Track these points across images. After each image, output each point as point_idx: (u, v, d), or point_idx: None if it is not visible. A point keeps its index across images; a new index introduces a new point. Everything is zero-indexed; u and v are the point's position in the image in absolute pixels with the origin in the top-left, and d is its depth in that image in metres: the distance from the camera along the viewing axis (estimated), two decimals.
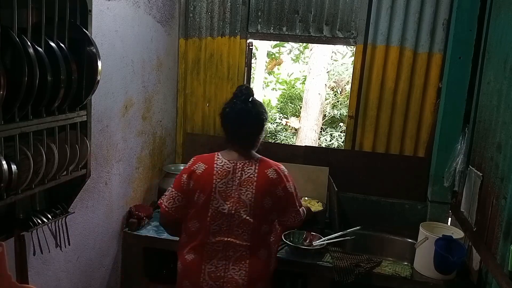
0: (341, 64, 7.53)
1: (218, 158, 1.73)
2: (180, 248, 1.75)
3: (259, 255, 1.69)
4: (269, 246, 1.76)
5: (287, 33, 2.79)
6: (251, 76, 3.38)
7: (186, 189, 1.71)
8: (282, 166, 1.78)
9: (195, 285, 1.64)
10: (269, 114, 7.76)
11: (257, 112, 1.73)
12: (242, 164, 1.70)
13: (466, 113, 2.35)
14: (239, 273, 1.63)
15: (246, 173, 1.69)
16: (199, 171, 1.71)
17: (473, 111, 2.27)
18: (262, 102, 1.82)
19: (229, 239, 1.66)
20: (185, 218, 1.73)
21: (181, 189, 1.72)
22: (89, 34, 1.57)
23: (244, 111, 1.70)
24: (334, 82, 7.51)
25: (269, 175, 1.70)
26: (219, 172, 1.69)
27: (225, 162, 1.71)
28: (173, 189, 1.75)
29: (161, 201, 1.77)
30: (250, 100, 1.72)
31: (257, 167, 1.70)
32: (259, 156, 1.78)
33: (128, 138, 2.35)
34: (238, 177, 1.68)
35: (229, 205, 1.66)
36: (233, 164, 1.70)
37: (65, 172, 1.59)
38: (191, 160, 1.78)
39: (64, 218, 1.71)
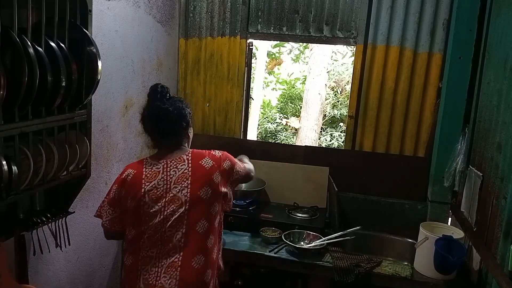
0: (341, 64, 7.53)
1: (147, 162, 1.65)
2: (123, 253, 1.66)
3: (192, 263, 1.54)
4: (206, 251, 1.59)
5: (287, 33, 2.79)
6: (251, 76, 3.38)
7: (118, 198, 1.63)
8: (214, 151, 1.71)
9: None
10: (269, 114, 7.78)
11: (176, 108, 1.66)
12: (173, 161, 1.62)
13: (466, 113, 2.35)
14: (169, 282, 1.51)
15: (179, 169, 1.60)
16: (129, 178, 1.62)
17: (473, 111, 2.27)
18: (180, 98, 1.75)
19: (163, 244, 1.55)
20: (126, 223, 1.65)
21: (113, 201, 1.64)
22: (89, 34, 1.57)
23: (163, 111, 1.63)
24: (334, 82, 7.51)
25: (203, 165, 1.63)
26: (148, 175, 1.60)
27: (154, 164, 1.63)
28: (106, 203, 1.66)
29: (100, 213, 1.68)
30: (166, 98, 1.67)
31: (190, 161, 1.62)
32: (190, 149, 1.70)
33: (128, 138, 2.35)
34: (172, 175, 1.59)
35: (160, 206, 1.56)
36: (162, 164, 1.62)
37: (65, 172, 1.59)
38: (123, 169, 1.69)
39: (64, 218, 1.71)
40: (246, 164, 1.92)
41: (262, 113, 7.82)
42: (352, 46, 2.87)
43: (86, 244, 2.07)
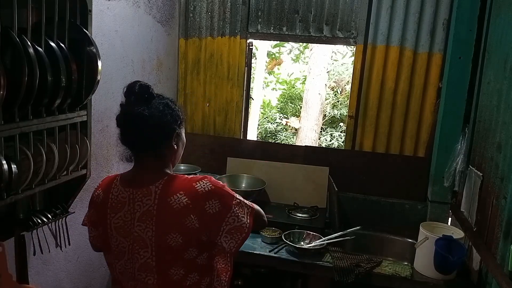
0: (341, 64, 7.54)
1: (115, 185, 1.34)
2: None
3: None
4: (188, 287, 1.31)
5: (287, 33, 2.79)
6: (251, 76, 3.38)
7: (96, 222, 1.41)
8: (199, 182, 1.28)
9: None
10: (269, 114, 7.78)
11: (154, 115, 1.27)
12: (139, 193, 1.28)
13: (466, 113, 2.35)
14: None
15: (145, 204, 1.26)
16: (98, 201, 1.37)
17: (473, 111, 2.27)
18: (171, 101, 1.35)
19: (136, 282, 1.31)
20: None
21: (93, 224, 1.43)
22: (89, 34, 1.57)
23: (136, 118, 1.26)
24: (334, 82, 7.51)
25: (172, 204, 1.24)
26: (114, 204, 1.31)
27: (120, 191, 1.31)
28: (89, 226, 1.47)
29: (86, 223, 1.50)
30: (144, 99, 1.27)
31: (157, 196, 1.26)
32: (170, 175, 1.32)
33: None
34: (137, 210, 1.27)
35: (128, 243, 1.29)
36: (128, 194, 1.29)
37: (65, 172, 1.59)
38: (100, 181, 1.44)
39: (64, 218, 1.71)
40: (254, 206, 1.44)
41: (262, 113, 7.82)
42: (352, 46, 2.87)
43: (86, 244, 2.07)
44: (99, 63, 1.57)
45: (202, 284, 1.35)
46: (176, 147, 1.36)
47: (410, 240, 2.44)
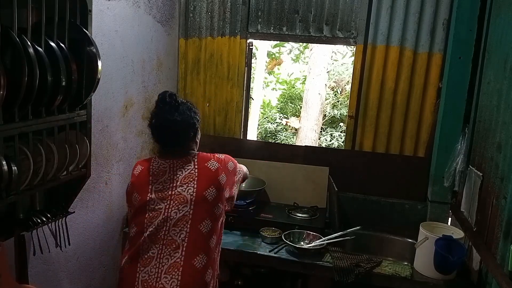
0: (341, 64, 7.53)
1: (154, 160, 1.68)
2: (122, 255, 1.64)
3: (194, 263, 1.52)
4: (209, 251, 1.57)
5: (287, 33, 2.79)
6: (251, 76, 3.38)
7: (129, 191, 1.68)
8: (219, 155, 1.74)
9: None
10: (269, 114, 7.79)
11: (185, 120, 1.65)
12: (179, 162, 1.65)
13: (466, 113, 2.35)
14: (171, 282, 1.48)
15: (186, 170, 1.63)
16: (136, 173, 1.67)
17: (473, 111, 2.27)
18: (190, 103, 1.74)
19: (164, 243, 1.53)
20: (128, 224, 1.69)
21: (127, 192, 1.70)
22: (89, 34, 1.57)
23: (171, 123, 1.63)
24: (334, 82, 7.51)
25: (209, 167, 1.65)
26: (155, 172, 1.64)
27: (161, 163, 1.66)
28: (130, 208, 1.70)
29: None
30: (175, 107, 1.65)
31: (196, 163, 1.65)
32: (196, 152, 1.73)
33: (128, 138, 2.35)
34: (179, 175, 1.62)
35: (165, 204, 1.58)
36: (169, 164, 1.65)
37: (65, 172, 1.59)
38: (135, 166, 1.73)
39: (64, 218, 1.71)
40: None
41: (262, 113, 7.82)
42: (352, 46, 2.87)
43: (86, 244, 2.07)
44: (99, 63, 1.57)
45: (216, 250, 1.64)
46: (197, 141, 1.78)
47: (410, 240, 2.44)
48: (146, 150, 2.58)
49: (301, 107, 7.26)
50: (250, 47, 2.91)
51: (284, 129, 7.52)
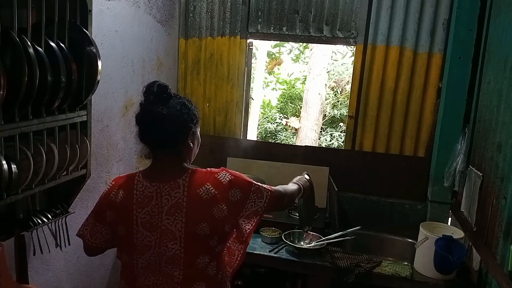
0: (341, 64, 7.53)
1: (138, 181, 1.38)
2: (120, 276, 1.49)
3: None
4: (209, 279, 1.39)
5: (287, 33, 2.79)
6: (251, 76, 3.38)
7: (109, 221, 1.42)
8: (219, 173, 1.39)
9: None
10: (269, 114, 7.78)
11: (173, 114, 1.34)
12: (166, 186, 1.34)
13: (466, 113, 2.35)
14: None
15: (173, 197, 1.33)
16: (118, 200, 1.38)
17: (473, 111, 2.27)
18: (187, 100, 1.42)
19: (161, 274, 1.36)
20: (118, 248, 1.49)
21: (103, 221, 1.44)
22: (89, 34, 1.57)
23: (156, 117, 1.33)
24: (334, 82, 7.51)
25: (201, 195, 1.33)
26: (140, 199, 1.35)
27: (146, 186, 1.36)
28: (95, 222, 1.46)
29: (83, 233, 1.48)
30: (163, 99, 1.35)
31: (185, 189, 1.33)
32: (191, 169, 1.40)
33: (128, 138, 2.35)
34: (164, 204, 1.33)
35: (155, 237, 1.33)
36: (155, 188, 1.35)
37: (65, 172, 1.59)
38: (111, 183, 1.46)
39: (64, 218, 1.70)
40: (279, 187, 1.55)
41: (262, 113, 7.82)
42: (352, 46, 2.87)
43: None
44: (99, 63, 1.57)
45: (219, 274, 1.42)
46: (192, 145, 1.42)
47: (410, 240, 2.44)
48: (146, 150, 2.57)
49: (301, 107, 7.26)
50: (250, 47, 2.91)
51: (284, 129, 7.52)
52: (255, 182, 1.46)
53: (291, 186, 1.66)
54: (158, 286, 1.36)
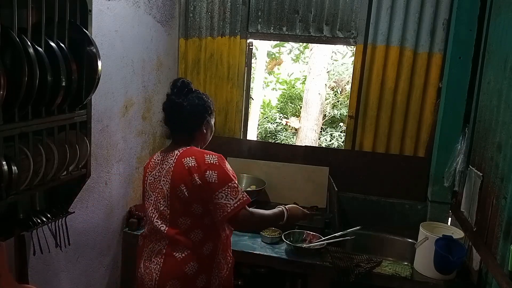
0: (341, 64, 7.53)
1: (157, 153, 1.75)
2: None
3: (175, 253, 1.58)
4: (192, 245, 1.59)
5: (287, 33, 2.79)
6: (251, 76, 3.38)
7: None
8: (209, 155, 1.59)
9: (138, 269, 1.71)
10: (269, 114, 7.79)
11: (191, 104, 1.66)
12: (168, 154, 1.66)
13: (466, 113, 2.35)
14: (155, 267, 1.60)
15: (168, 164, 1.63)
16: (145, 165, 1.80)
17: (473, 111, 2.27)
18: (204, 95, 1.73)
19: (155, 231, 1.64)
20: None
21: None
22: (89, 34, 1.57)
23: (176, 105, 1.66)
24: (334, 82, 7.51)
25: (184, 163, 1.57)
26: (151, 165, 1.72)
27: (157, 156, 1.72)
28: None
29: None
30: (184, 92, 1.67)
31: (176, 157, 1.61)
32: (192, 146, 1.66)
33: (128, 138, 2.35)
34: (163, 169, 1.65)
35: (154, 196, 1.66)
36: (161, 157, 1.69)
37: (65, 172, 1.59)
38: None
39: (64, 218, 1.71)
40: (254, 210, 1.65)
41: (262, 113, 7.82)
42: (352, 46, 2.87)
43: (86, 244, 2.07)
44: (99, 63, 1.57)
45: (205, 247, 1.62)
46: (205, 131, 1.73)
47: (410, 240, 2.44)
48: (146, 150, 2.58)
49: (301, 107, 7.26)
50: (250, 47, 2.91)
51: (284, 129, 7.52)
52: (236, 183, 1.59)
53: (269, 211, 1.78)
54: (155, 242, 1.63)
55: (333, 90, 7.58)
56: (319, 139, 7.01)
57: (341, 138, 6.89)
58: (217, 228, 1.66)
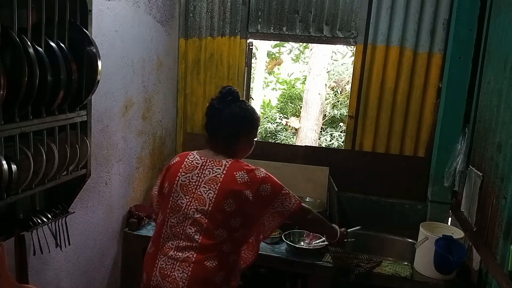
0: (341, 64, 7.53)
1: (192, 154, 1.69)
2: (151, 237, 1.72)
3: (206, 262, 1.53)
4: (222, 255, 1.57)
5: (287, 33, 2.79)
6: (251, 76, 3.37)
7: (163, 179, 1.75)
8: (259, 171, 1.63)
9: (149, 279, 1.60)
10: (269, 114, 7.79)
11: (232, 113, 1.65)
12: (212, 162, 1.62)
13: (466, 113, 2.35)
14: (181, 276, 1.52)
15: (214, 172, 1.60)
16: (172, 163, 1.72)
17: (473, 111, 2.27)
18: (245, 104, 1.72)
19: (182, 238, 1.56)
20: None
21: (162, 180, 1.76)
22: (89, 34, 1.57)
23: (216, 111, 1.65)
24: (334, 82, 7.51)
25: (237, 177, 1.58)
26: (187, 166, 1.65)
27: (196, 158, 1.66)
28: (158, 179, 1.82)
29: (152, 189, 1.86)
30: (227, 100, 1.66)
31: (226, 168, 1.59)
32: (237, 159, 1.67)
33: (128, 138, 2.35)
34: (205, 175, 1.60)
35: (187, 200, 1.59)
36: (203, 161, 1.64)
37: (65, 172, 1.59)
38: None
39: (64, 218, 1.70)
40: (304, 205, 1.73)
41: (262, 113, 7.82)
42: (352, 46, 2.87)
43: (86, 244, 2.07)
44: (99, 63, 1.57)
45: (231, 257, 1.61)
46: (242, 143, 1.70)
47: (410, 240, 2.44)
48: (146, 150, 2.58)
49: (301, 107, 7.26)
50: (250, 47, 2.91)
51: (284, 129, 7.52)
52: (287, 188, 1.66)
53: (320, 216, 1.83)
54: (178, 250, 1.55)
55: (333, 90, 7.58)
56: (319, 139, 7.01)
57: (341, 138, 6.89)
58: (243, 242, 1.67)
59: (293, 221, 1.79)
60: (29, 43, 1.30)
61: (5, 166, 1.27)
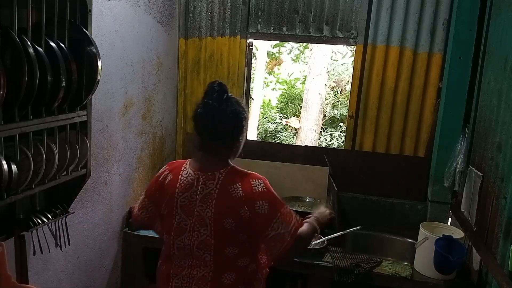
0: (341, 64, 7.54)
1: (185, 168, 1.53)
2: (160, 255, 1.63)
3: (222, 279, 1.46)
4: (239, 270, 1.48)
5: (287, 33, 2.79)
6: (251, 76, 3.37)
7: (155, 199, 1.59)
8: (255, 180, 1.46)
9: None
10: (269, 114, 7.79)
11: (233, 112, 1.48)
12: (204, 177, 1.47)
13: (466, 113, 2.35)
14: None
15: (207, 187, 1.46)
16: (166, 182, 1.54)
17: (473, 111, 2.27)
18: (238, 99, 1.56)
19: (194, 257, 1.48)
20: (160, 227, 1.63)
21: (152, 198, 1.61)
22: (89, 34, 1.57)
23: (217, 111, 1.46)
24: (334, 82, 7.52)
25: (231, 192, 1.43)
26: (182, 184, 1.49)
27: (189, 173, 1.50)
28: (145, 198, 1.65)
29: (133, 207, 1.69)
30: (224, 97, 1.48)
31: (219, 182, 1.45)
32: (232, 166, 1.51)
33: (128, 138, 2.35)
34: (200, 192, 1.46)
35: (190, 222, 1.47)
36: (196, 176, 1.48)
37: (65, 172, 1.59)
38: (165, 166, 1.63)
39: (64, 218, 1.71)
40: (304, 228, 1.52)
41: (262, 113, 7.82)
42: (352, 46, 2.87)
43: (86, 244, 2.07)
44: (99, 63, 1.57)
45: (249, 267, 1.52)
46: (241, 141, 1.54)
47: (410, 240, 2.44)
48: (146, 150, 2.58)
49: (301, 107, 7.27)
50: (250, 47, 2.91)
51: (284, 129, 7.52)
52: (287, 206, 1.49)
53: (307, 229, 1.56)
54: (192, 268, 1.48)
55: (333, 90, 7.59)
56: (319, 139, 7.02)
57: (341, 138, 6.89)
58: (258, 251, 1.56)
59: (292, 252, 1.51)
60: (29, 43, 1.30)
61: (5, 166, 1.27)
